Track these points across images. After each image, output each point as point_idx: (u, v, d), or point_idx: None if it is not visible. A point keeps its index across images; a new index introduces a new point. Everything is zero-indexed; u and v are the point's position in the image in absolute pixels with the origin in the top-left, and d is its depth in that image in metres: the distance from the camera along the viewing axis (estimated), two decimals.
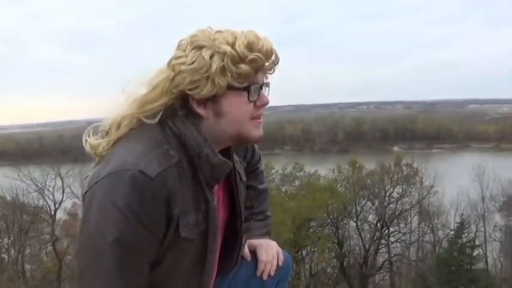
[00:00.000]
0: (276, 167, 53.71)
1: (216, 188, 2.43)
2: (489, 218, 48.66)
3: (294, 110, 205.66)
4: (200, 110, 2.28)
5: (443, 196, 50.93)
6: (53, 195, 47.67)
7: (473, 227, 46.42)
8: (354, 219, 49.59)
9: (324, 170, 56.14)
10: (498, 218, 49.04)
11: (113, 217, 2.10)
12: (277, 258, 2.96)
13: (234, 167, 2.54)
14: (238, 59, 2.20)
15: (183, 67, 2.21)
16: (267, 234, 3.06)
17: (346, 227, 49.96)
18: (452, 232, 46.55)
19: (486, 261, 46.31)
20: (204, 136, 2.29)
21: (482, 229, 47.64)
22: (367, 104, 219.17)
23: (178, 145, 2.27)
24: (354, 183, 51.70)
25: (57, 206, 47.39)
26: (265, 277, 2.92)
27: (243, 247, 2.86)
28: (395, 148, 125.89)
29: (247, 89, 2.27)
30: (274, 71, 2.36)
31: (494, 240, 48.30)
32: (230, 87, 2.24)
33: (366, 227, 50.21)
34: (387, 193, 50.29)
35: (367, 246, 48.55)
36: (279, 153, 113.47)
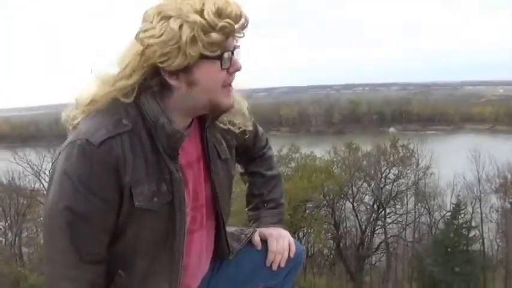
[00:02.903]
0: (272, 149, 53.59)
1: (193, 160, 2.47)
2: (485, 199, 48.51)
3: (290, 91, 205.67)
4: (173, 81, 2.25)
5: (440, 177, 50.94)
6: None
7: (469, 208, 46.33)
8: (350, 200, 49.68)
9: (320, 151, 56.12)
10: (494, 200, 48.98)
11: (65, 186, 2.18)
12: (289, 249, 2.87)
13: (207, 143, 2.54)
14: (208, 28, 2.15)
15: (151, 40, 2.16)
16: (279, 223, 2.98)
17: (343, 208, 50.01)
18: (448, 213, 46.69)
19: (482, 243, 46.37)
20: (161, 106, 2.28)
21: (479, 210, 47.43)
22: (363, 85, 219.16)
23: (137, 116, 2.27)
24: (350, 164, 51.74)
25: None
26: (274, 268, 2.84)
27: (252, 235, 2.85)
28: (391, 129, 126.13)
29: (219, 57, 2.23)
30: (244, 35, 2.30)
31: (491, 221, 48.14)
32: (202, 57, 2.19)
33: (362, 208, 50.35)
34: (383, 174, 50.27)
35: (363, 227, 48.68)
36: (275, 135, 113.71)
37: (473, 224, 45.64)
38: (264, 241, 2.87)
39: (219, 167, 2.59)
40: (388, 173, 50.50)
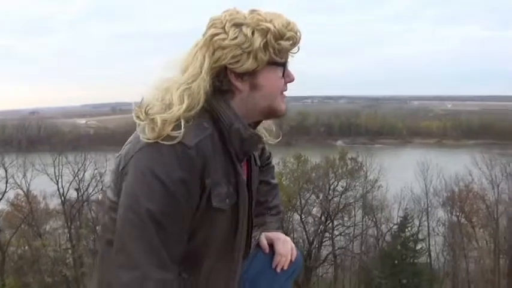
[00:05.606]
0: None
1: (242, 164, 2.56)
2: (432, 212, 49.40)
3: None
4: (237, 83, 2.39)
5: (387, 190, 51.46)
6: None
7: (416, 222, 47.16)
8: (298, 212, 49.76)
9: None
10: (441, 213, 49.63)
11: (155, 188, 2.20)
12: (291, 253, 3.04)
13: None
14: (278, 36, 2.37)
15: (225, 42, 2.33)
16: (279, 229, 3.16)
17: (290, 219, 50.01)
18: (395, 226, 47.20)
19: (429, 255, 47.19)
20: (234, 111, 2.40)
21: (426, 223, 48.38)
22: (311, 98, 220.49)
23: (209, 120, 2.37)
24: (298, 176, 51.81)
25: None
26: (279, 269, 3.00)
27: (260, 239, 3.04)
28: (339, 142, 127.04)
29: (283, 64, 2.46)
30: (298, 50, 2.50)
31: (438, 234, 49.05)
32: (269, 63, 2.39)
33: (310, 220, 50.58)
34: (331, 187, 50.52)
35: (311, 239, 48.79)
36: None
37: (420, 236, 46.36)
38: (270, 244, 3.04)
39: (255, 172, 2.74)
40: (337, 185, 50.79)
